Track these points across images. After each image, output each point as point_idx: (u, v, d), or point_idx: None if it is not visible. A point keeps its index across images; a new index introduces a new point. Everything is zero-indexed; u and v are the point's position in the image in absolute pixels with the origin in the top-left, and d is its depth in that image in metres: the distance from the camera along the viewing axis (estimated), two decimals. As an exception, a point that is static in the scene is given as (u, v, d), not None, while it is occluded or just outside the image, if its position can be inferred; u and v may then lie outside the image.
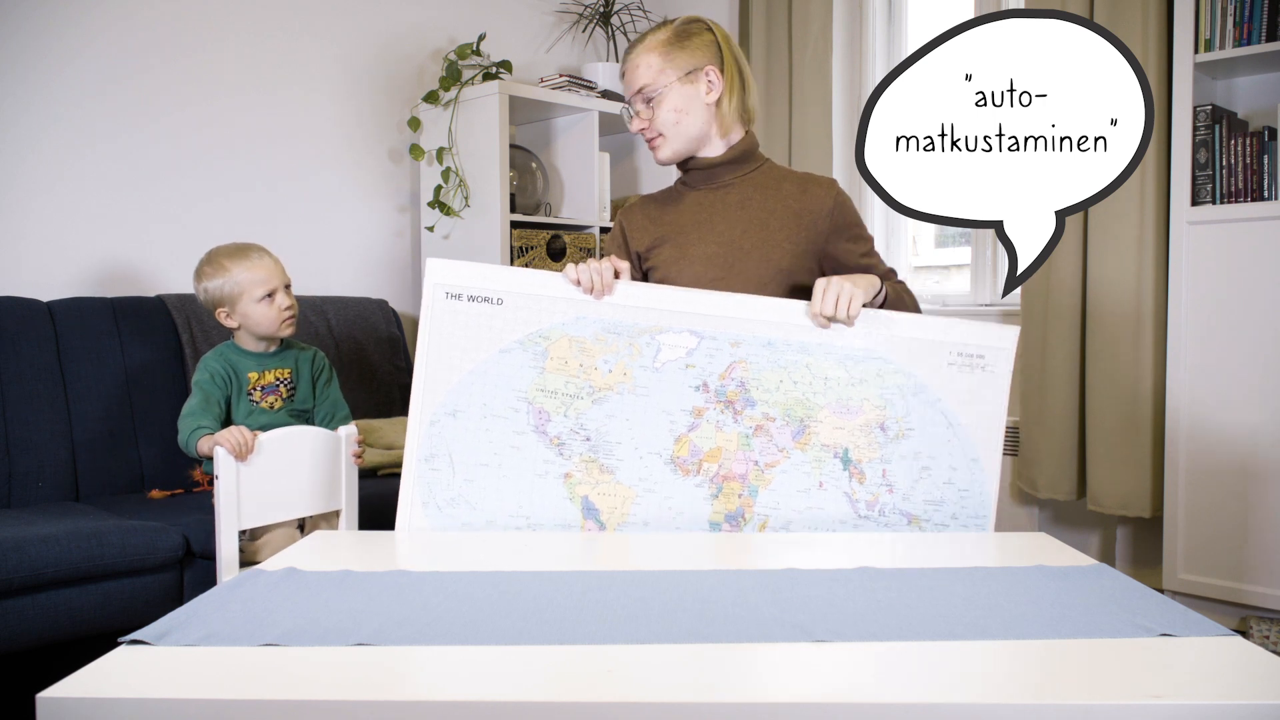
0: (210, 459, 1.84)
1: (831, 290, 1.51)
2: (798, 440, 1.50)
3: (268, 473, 1.79)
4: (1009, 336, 1.55)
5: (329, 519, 1.94)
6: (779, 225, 1.73)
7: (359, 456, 1.93)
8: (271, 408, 2.07)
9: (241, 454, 1.77)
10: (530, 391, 1.49)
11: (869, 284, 1.57)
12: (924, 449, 1.51)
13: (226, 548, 1.74)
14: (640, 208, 1.87)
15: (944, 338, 1.52)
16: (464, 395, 1.49)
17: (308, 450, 1.84)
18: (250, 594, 1.12)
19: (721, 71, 1.74)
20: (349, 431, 1.88)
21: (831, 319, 1.51)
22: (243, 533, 1.84)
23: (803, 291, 1.75)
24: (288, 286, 2.09)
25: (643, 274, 1.85)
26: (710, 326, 1.50)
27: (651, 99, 1.73)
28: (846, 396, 1.50)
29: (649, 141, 1.78)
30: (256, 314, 2.05)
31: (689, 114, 1.73)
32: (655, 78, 1.72)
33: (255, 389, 2.05)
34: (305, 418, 2.12)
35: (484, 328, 1.49)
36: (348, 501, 1.90)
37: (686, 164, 1.80)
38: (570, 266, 1.51)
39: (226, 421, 2.01)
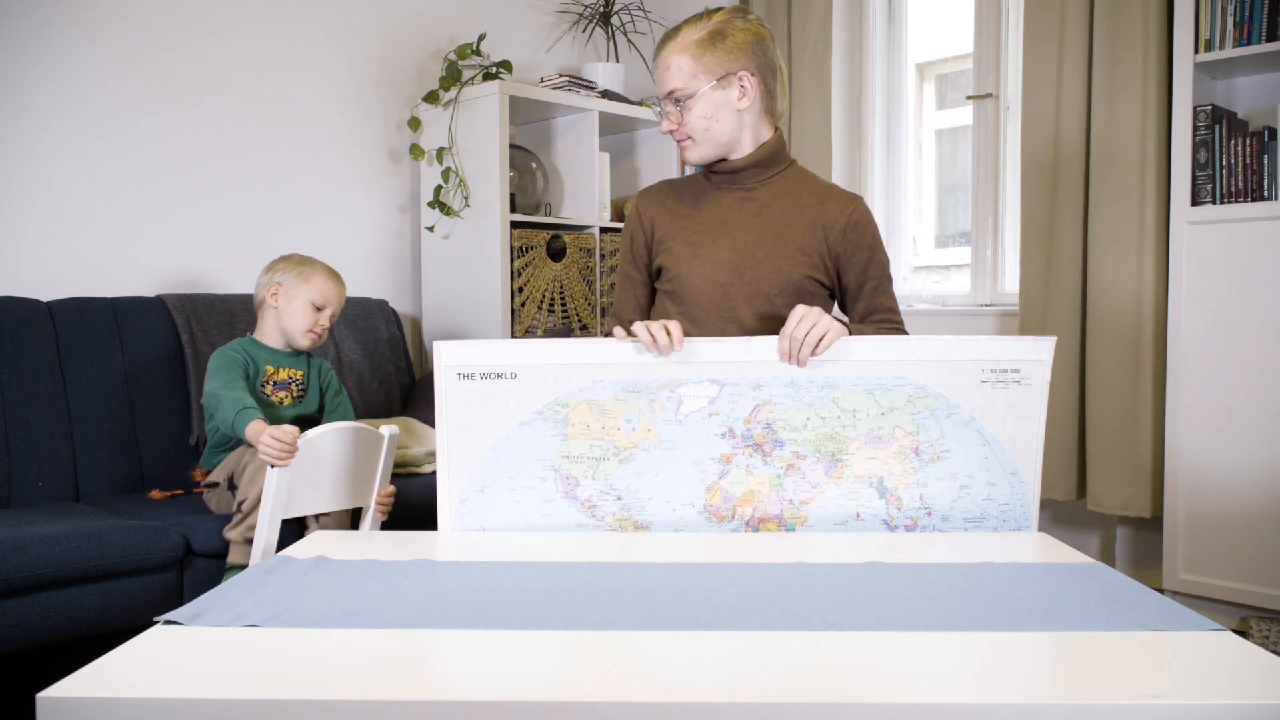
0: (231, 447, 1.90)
1: (808, 320, 1.46)
2: (830, 475, 1.49)
3: (313, 466, 1.80)
4: (1045, 348, 1.50)
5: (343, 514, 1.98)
6: (794, 235, 1.71)
7: (386, 512, 1.91)
8: (281, 403, 2.11)
9: (284, 460, 1.74)
10: (555, 459, 1.49)
11: (843, 324, 1.52)
12: (961, 469, 1.49)
13: (266, 536, 1.75)
14: (658, 195, 1.84)
15: (975, 356, 1.49)
16: (490, 471, 1.50)
17: (351, 447, 1.85)
18: (280, 580, 1.18)
19: (755, 75, 1.70)
20: (393, 431, 1.88)
21: (799, 350, 1.46)
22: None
23: (814, 301, 1.73)
24: (333, 316, 2.22)
25: (652, 263, 1.84)
26: (730, 373, 1.49)
27: (682, 101, 1.69)
28: (877, 426, 1.48)
29: (679, 142, 1.75)
30: (298, 310, 2.15)
31: (719, 120, 1.70)
32: (687, 82, 1.67)
33: (269, 383, 2.09)
34: (309, 422, 2.14)
35: (501, 403, 1.49)
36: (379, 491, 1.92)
37: (712, 164, 1.77)
38: (639, 326, 1.47)
39: None
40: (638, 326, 1.48)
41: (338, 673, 0.91)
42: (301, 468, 1.75)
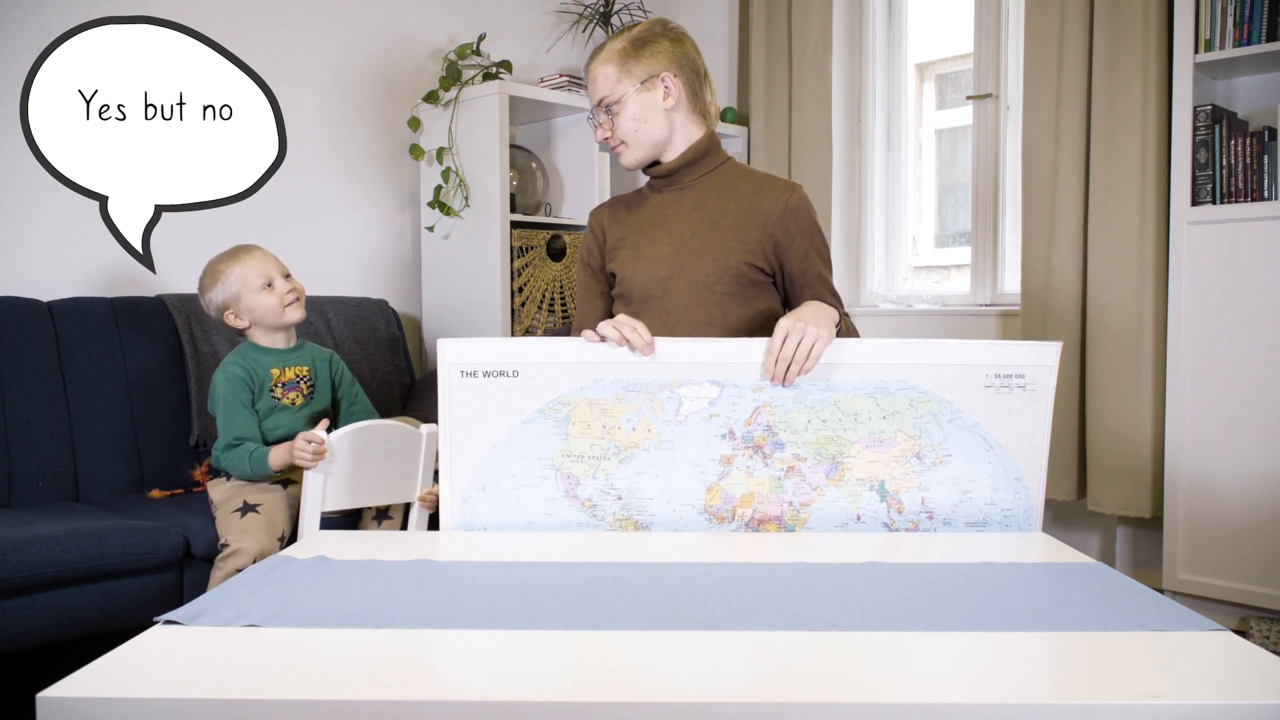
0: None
1: (794, 335, 1.44)
2: (831, 478, 1.48)
3: (356, 461, 1.84)
4: (1050, 353, 1.49)
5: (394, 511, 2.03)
6: (729, 225, 1.74)
7: (430, 504, 1.97)
8: (293, 404, 2.09)
9: (316, 462, 1.80)
10: (556, 458, 1.49)
11: (829, 320, 1.49)
12: (964, 473, 1.48)
13: (309, 530, 1.78)
14: (608, 208, 1.91)
15: (979, 360, 1.48)
16: (491, 469, 1.50)
17: (394, 444, 1.88)
18: (280, 580, 1.18)
19: (678, 75, 1.76)
20: (431, 429, 1.91)
21: (786, 370, 1.44)
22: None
23: (756, 289, 1.76)
24: (287, 275, 2.14)
25: (607, 271, 1.87)
26: (730, 374, 1.49)
27: (611, 108, 1.76)
28: (879, 430, 1.48)
29: (613, 149, 1.81)
30: (260, 304, 2.09)
31: (647, 121, 1.76)
32: (613, 88, 1.75)
33: (277, 386, 2.07)
34: (323, 418, 2.13)
35: (503, 401, 1.49)
36: (423, 488, 1.96)
37: (649, 168, 1.83)
38: (607, 327, 1.47)
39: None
40: (605, 327, 1.48)
41: (338, 673, 0.91)
42: (327, 466, 1.78)
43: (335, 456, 1.81)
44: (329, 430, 1.86)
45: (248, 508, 1.94)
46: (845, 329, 1.65)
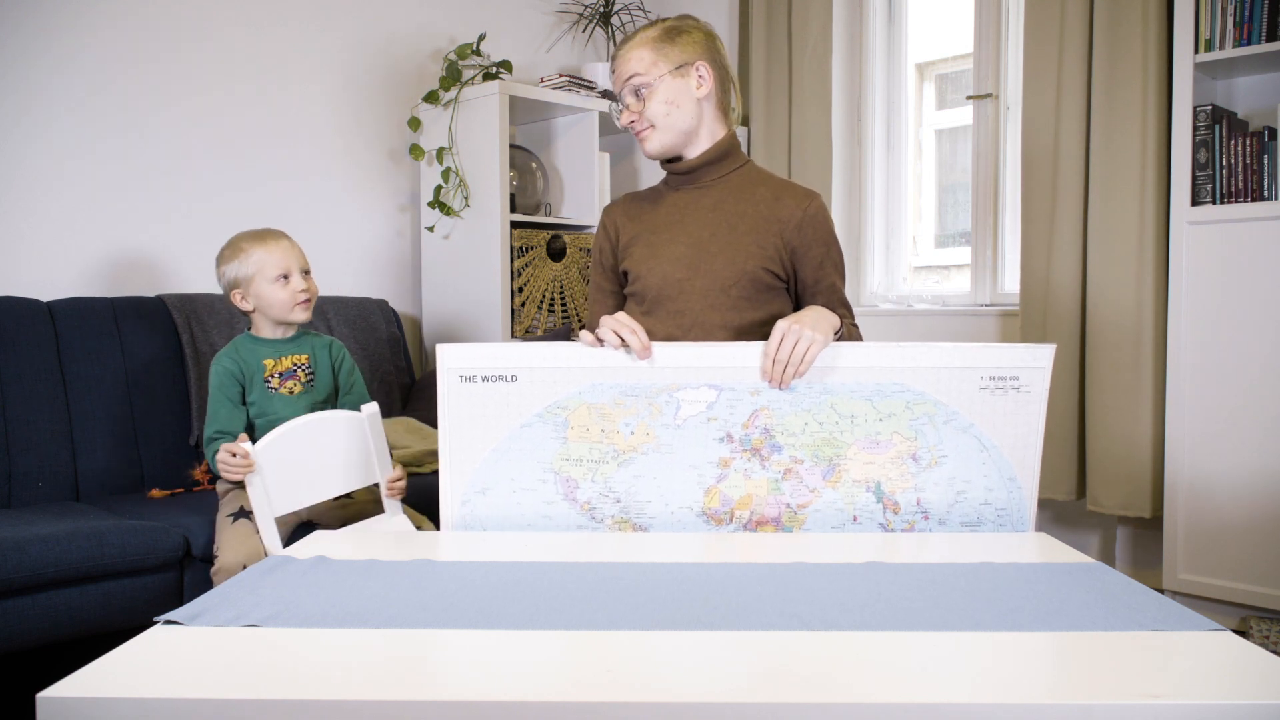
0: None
1: (790, 337, 1.45)
2: (828, 479, 1.49)
3: (292, 461, 1.78)
4: (1044, 355, 1.51)
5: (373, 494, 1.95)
6: (747, 229, 1.74)
7: (398, 491, 1.85)
8: (291, 393, 2.07)
9: (236, 475, 1.71)
10: (555, 462, 1.50)
11: (828, 324, 1.50)
12: (959, 473, 1.50)
13: (268, 541, 1.74)
14: (623, 204, 1.89)
15: (974, 363, 1.49)
16: (491, 472, 1.51)
17: (330, 434, 1.83)
18: (280, 580, 1.18)
19: (711, 68, 1.75)
20: (371, 409, 1.84)
21: (783, 372, 1.46)
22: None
23: (770, 293, 1.76)
24: (306, 272, 2.09)
25: (619, 268, 1.86)
26: (728, 378, 1.50)
27: (641, 90, 1.74)
28: (875, 432, 1.49)
29: (638, 134, 1.78)
30: (270, 295, 2.05)
31: (680, 106, 1.74)
32: (648, 69, 1.73)
33: (272, 375, 2.06)
34: (326, 407, 2.11)
35: (502, 405, 1.50)
36: (383, 474, 1.85)
37: (669, 164, 1.82)
38: (605, 330, 1.47)
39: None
40: (603, 330, 1.48)
41: (338, 673, 0.91)
42: (274, 471, 1.72)
43: (263, 469, 1.70)
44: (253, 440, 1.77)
45: (241, 513, 1.93)
46: (848, 336, 1.65)
